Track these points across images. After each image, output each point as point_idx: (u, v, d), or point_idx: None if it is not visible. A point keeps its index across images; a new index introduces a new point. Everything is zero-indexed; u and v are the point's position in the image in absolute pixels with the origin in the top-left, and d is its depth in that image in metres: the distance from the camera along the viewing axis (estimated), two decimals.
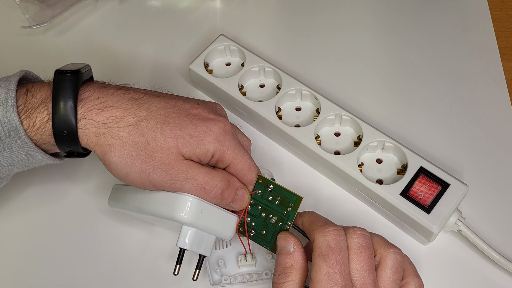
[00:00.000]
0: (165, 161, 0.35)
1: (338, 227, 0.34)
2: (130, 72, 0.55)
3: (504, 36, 0.56)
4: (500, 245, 0.42)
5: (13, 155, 0.36)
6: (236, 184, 0.37)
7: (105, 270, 0.43)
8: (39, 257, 0.44)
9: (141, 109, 0.36)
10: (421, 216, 0.40)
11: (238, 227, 0.39)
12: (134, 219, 0.44)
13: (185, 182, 0.35)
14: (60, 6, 0.58)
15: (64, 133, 0.35)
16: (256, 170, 0.38)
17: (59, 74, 0.36)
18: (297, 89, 0.48)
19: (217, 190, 0.36)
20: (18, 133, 0.35)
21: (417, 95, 0.52)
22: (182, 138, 0.35)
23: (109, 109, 0.35)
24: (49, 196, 0.47)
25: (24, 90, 0.36)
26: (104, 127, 0.35)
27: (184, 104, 0.37)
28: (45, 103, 0.35)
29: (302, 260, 0.34)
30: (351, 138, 0.46)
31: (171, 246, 0.44)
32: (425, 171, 0.42)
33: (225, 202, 0.37)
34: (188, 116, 0.36)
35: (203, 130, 0.36)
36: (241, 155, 0.37)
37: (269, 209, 0.39)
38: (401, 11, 0.58)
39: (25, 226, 0.45)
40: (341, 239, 0.33)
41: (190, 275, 0.40)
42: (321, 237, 0.33)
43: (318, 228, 0.33)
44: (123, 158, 0.35)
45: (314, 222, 0.35)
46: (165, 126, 0.35)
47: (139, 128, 0.35)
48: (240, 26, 0.58)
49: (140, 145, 0.35)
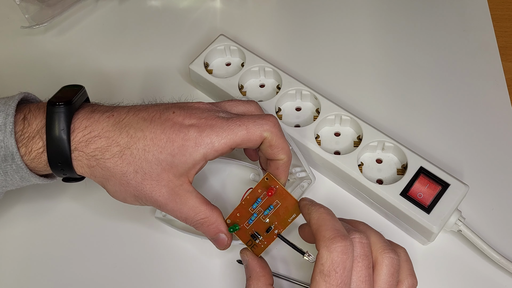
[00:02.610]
0: (156, 189, 0.36)
1: (346, 242, 0.31)
2: (130, 73, 0.55)
3: (504, 36, 0.56)
4: (500, 245, 0.42)
5: (7, 179, 0.37)
6: (218, 227, 0.38)
7: (103, 272, 0.43)
8: (36, 263, 0.44)
9: (122, 135, 0.36)
10: (421, 216, 0.40)
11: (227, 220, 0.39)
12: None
13: (172, 212, 0.37)
14: (60, 6, 0.58)
15: (59, 163, 0.36)
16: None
17: (51, 106, 0.36)
18: (297, 89, 0.48)
19: (195, 225, 0.38)
20: (14, 158, 0.36)
21: (417, 95, 0.52)
22: (166, 161, 0.36)
23: (95, 140, 0.36)
24: (40, 206, 0.47)
25: (21, 116, 0.37)
26: (93, 160, 0.36)
27: (160, 116, 0.37)
28: (39, 134, 0.36)
29: (257, 267, 0.37)
30: (351, 138, 0.46)
31: (172, 247, 0.44)
32: (425, 171, 0.42)
33: (206, 235, 0.39)
34: (164, 132, 0.36)
35: (181, 144, 0.35)
36: (228, 138, 0.36)
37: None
38: (401, 11, 0.58)
39: (20, 235, 0.45)
40: (348, 256, 0.31)
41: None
42: (326, 252, 0.31)
43: (325, 241, 0.31)
44: (116, 187, 0.37)
45: (322, 229, 0.32)
46: (146, 152, 0.36)
47: (124, 158, 0.36)
48: (240, 26, 0.58)
49: (128, 174, 0.36)
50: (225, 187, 0.45)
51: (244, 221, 0.39)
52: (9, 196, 0.46)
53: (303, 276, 0.42)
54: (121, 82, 0.55)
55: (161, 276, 0.43)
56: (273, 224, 0.38)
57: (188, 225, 0.38)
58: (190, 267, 0.43)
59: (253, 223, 0.38)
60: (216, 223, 0.38)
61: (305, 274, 0.42)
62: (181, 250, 0.44)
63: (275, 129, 0.37)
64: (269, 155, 0.38)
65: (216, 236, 0.38)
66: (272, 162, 0.39)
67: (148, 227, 0.45)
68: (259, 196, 0.38)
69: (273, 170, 0.39)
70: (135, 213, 0.45)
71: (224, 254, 0.43)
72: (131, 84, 0.54)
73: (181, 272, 0.43)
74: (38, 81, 0.55)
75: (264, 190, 0.38)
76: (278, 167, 0.39)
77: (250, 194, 0.39)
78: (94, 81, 0.54)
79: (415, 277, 0.34)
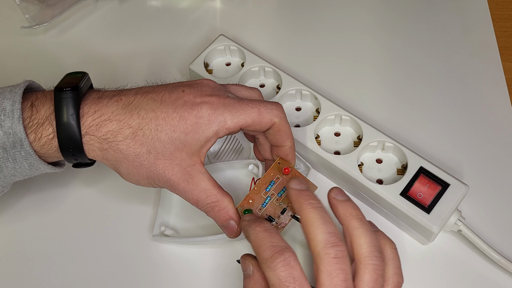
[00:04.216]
0: (169, 168, 0.36)
1: (285, 254, 0.31)
2: (129, 72, 0.55)
3: (504, 36, 0.56)
4: (500, 245, 0.42)
5: (16, 166, 0.37)
6: (229, 213, 0.38)
7: (106, 270, 0.43)
8: (37, 260, 0.44)
9: (133, 117, 0.36)
10: (421, 216, 0.40)
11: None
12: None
13: (184, 193, 0.37)
14: (60, 6, 0.58)
15: (70, 148, 0.36)
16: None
17: (59, 92, 0.36)
18: (297, 89, 0.48)
19: (205, 208, 0.38)
20: (23, 144, 0.35)
21: (417, 95, 0.52)
22: (179, 140, 0.36)
23: (106, 123, 0.36)
24: (48, 199, 0.47)
25: (29, 103, 0.36)
26: (106, 143, 0.36)
27: (170, 96, 0.37)
28: (49, 120, 0.36)
29: (261, 279, 0.34)
30: (351, 138, 0.46)
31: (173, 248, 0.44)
32: (425, 171, 0.42)
33: (216, 221, 0.38)
34: (176, 111, 0.36)
35: (194, 122, 0.36)
36: (241, 118, 0.36)
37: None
38: (401, 11, 0.58)
39: (21, 230, 0.46)
40: (291, 267, 0.30)
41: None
42: (270, 272, 0.30)
43: (265, 262, 0.31)
44: (129, 169, 0.37)
45: (260, 250, 0.32)
46: (159, 132, 0.36)
47: (137, 139, 0.36)
48: (240, 26, 0.58)
49: (141, 155, 0.36)
50: (228, 187, 0.45)
51: (257, 207, 0.39)
52: (17, 188, 0.45)
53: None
54: (121, 81, 0.54)
55: (162, 275, 0.43)
56: (287, 206, 0.38)
57: (198, 208, 0.38)
58: (190, 268, 0.43)
59: (267, 207, 0.38)
60: (227, 208, 0.38)
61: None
62: (182, 251, 0.44)
63: (284, 115, 0.38)
64: (276, 140, 0.38)
65: (226, 223, 0.38)
66: (278, 149, 0.39)
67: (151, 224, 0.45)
68: (272, 180, 0.39)
69: (282, 155, 0.40)
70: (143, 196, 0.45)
71: (224, 257, 0.43)
72: (131, 83, 0.54)
73: (181, 272, 0.43)
74: (38, 81, 0.54)
75: (277, 173, 0.39)
76: (287, 153, 0.39)
77: (262, 179, 0.39)
78: (94, 81, 0.54)
79: (401, 276, 0.33)
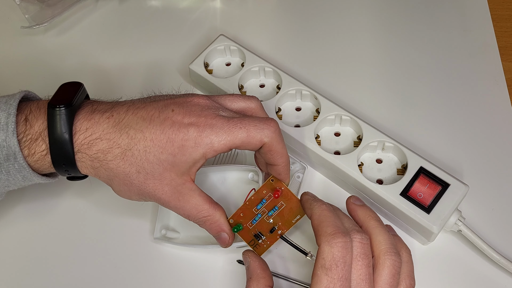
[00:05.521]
0: (159, 188, 0.37)
1: (347, 238, 0.32)
2: (130, 72, 0.55)
3: (504, 36, 0.56)
4: (500, 245, 0.42)
5: (9, 178, 0.37)
6: (221, 226, 0.38)
7: (104, 276, 0.43)
8: (39, 263, 0.44)
9: (122, 137, 0.36)
10: (421, 216, 0.40)
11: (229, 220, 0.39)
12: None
13: (175, 210, 0.38)
14: (60, 6, 0.58)
15: (64, 164, 0.37)
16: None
17: (52, 109, 0.36)
18: (297, 89, 0.48)
19: (198, 222, 0.38)
20: (16, 158, 0.36)
21: (417, 95, 0.52)
22: (167, 161, 0.36)
23: (97, 142, 0.36)
24: (42, 205, 0.47)
25: (23, 117, 0.37)
26: (97, 161, 0.36)
27: (160, 115, 0.36)
28: (42, 136, 0.36)
29: (258, 269, 0.37)
30: (351, 138, 0.46)
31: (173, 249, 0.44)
32: (425, 171, 0.42)
33: (209, 232, 0.39)
34: (164, 132, 0.36)
35: (181, 144, 0.35)
36: (228, 140, 0.36)
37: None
38: (401, 11, 0.58)
39: (22, 235, 0.45)
40: (348, 252, 0.31)
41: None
42: (327, 247, 0.31)
43: (326, 236, 0.32)
44: (121, 186, 0.37)
45: (324, 225, 0.33)
46: (147, 153, 0.36)
47: (126, 159, 0.36)
48: (240, 26, 0.58)
49: (131, 174, 0.36)
50: (225, 191, 0.45)
51: (247, 221, 0.39)
52: (10, 196, 0.45)
53: (303, 276, 0.42)
54: (121, 82, 0.55)
55: (162, 276, 0.43)
56: (277, 224, 0.38)
57: (191, 221, 0.39)
58: (191, 267, 0.43)
59: (257, 223, 0.39)
60: (219, 222, 0.38)
61: (305, 272, 0.42)
62: (183, 252, 0.44)
63: (275, 134, 0.37)
64: (268, 159, 0.38)
65: (218, 235, 0.39)
66: (271, 167, 0.39)
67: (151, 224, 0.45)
68: (264, 197, 0.39)
69: (275, 174, 0.39)
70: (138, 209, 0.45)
71: (224, 257, 0.43)
72: (131, 83, 0.54)
73: (181, 271, 0.43)
74: (38, 81, 0.55)
75: (269, 191, 0.39)
76: (279, 172, 0.39)
77: (255, 195, 0.39)
78: (94, 81, 0.54)
79: (413, 279, 0.34)
